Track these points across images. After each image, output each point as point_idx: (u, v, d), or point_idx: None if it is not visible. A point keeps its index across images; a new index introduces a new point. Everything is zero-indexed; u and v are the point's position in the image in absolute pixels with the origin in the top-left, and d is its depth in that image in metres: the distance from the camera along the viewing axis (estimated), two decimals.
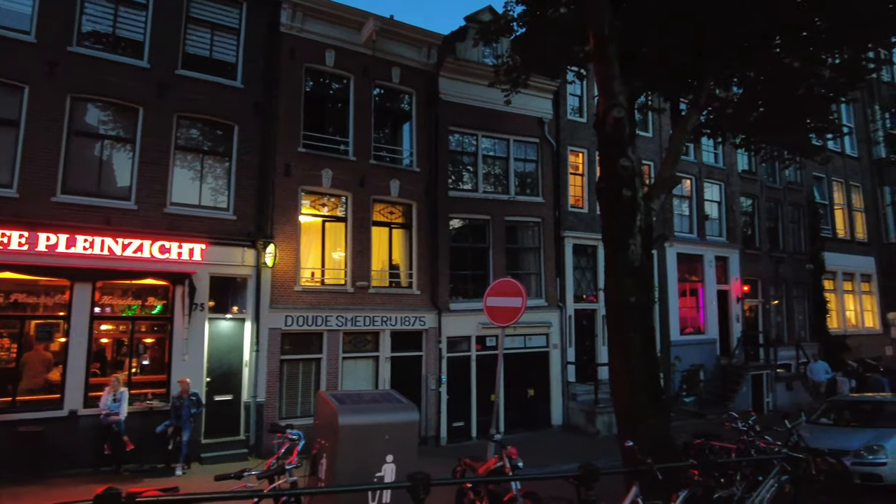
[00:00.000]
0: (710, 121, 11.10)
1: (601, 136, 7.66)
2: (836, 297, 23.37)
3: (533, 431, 14.87)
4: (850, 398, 12.56)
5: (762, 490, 6.71)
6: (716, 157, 20.13)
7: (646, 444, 6.65)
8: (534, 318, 15.40)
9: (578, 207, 16.92)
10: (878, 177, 26.06)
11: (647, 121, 18.29)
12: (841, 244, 24.05)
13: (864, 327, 24.45)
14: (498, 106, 13.89)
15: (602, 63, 7.48)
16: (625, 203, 7.21)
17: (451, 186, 15.06)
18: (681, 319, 18.34)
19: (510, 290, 8.61)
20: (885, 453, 9.46)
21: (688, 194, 19.33)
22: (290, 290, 12.50)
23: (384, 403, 5.81)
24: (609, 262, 7.59)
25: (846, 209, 24.86)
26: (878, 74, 25.24)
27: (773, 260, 21.12)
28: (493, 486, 6.59)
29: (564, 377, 15.87)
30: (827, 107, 10.31)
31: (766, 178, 21.75)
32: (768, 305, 21.08)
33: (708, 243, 19.35)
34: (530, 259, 16.29)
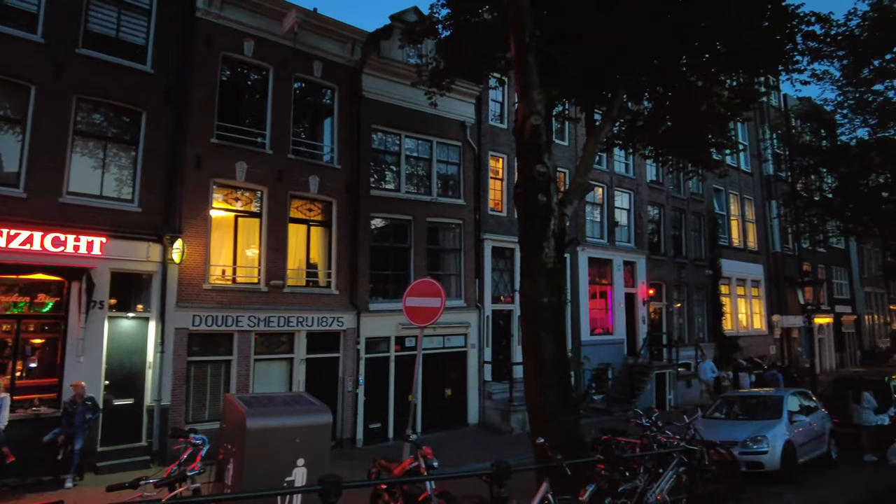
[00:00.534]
0: (622, 132, 11.72)
1: (519, 142, 7.87)
2: (730, 301, 25.31)
3: (449, 431, 15.01)
4: (738, 394, 13.62)
5: (662, 481, 7.15)
6: (626, 168, 21.22)
7: (557, 440, 6.89)
8: (453, 319, 15.56)
9: (498, 211, 17.29)
10: (766, 191, 28.53)
11: (563, 130, 18.99)
12: (735, 252, 26.09)
13: (753, 329, 26.62)
14: (422, 107, 13.92)
15: (522, 71, 7.68)
16: (540, 208, 7.44)
17: (374, 185, 14.93)
18: (591, 320, 19.17)
19: (430, 291, 8.65)
20: (767, 443, 10.35)
21: (600, 202, 20.24)
22: (199, 288, 11.90)
23: (296, 406, 5.66)
24: (524, 263, 7.82)
25: (740, 220, 26.99)
26: (768, 98, 27.66)
27: (676, 265, 22.56)
28: (408, 487, 6.58)
29: (481, 376, 16.15)
30: (725, 124, 11.15)
31: (672, 189, 23.19)
32: (671, 308, 22.47)
33: (617, 249, 20.36)
34: (451, 260, 16.45)
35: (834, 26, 9.77)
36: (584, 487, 5.92)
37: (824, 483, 10.47)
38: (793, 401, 11.88)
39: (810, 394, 13.58)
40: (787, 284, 26.99)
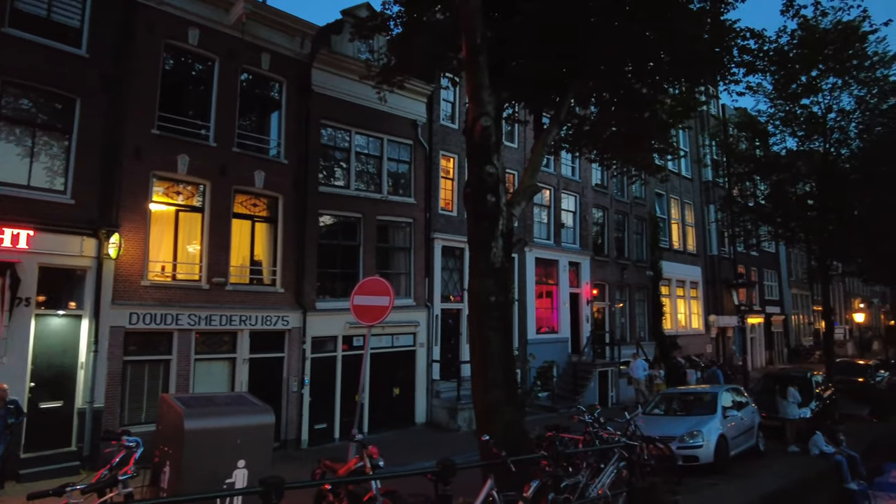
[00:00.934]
0: (569, 136, 11.99)
1: (469, 142, 7.93)
2: (670, 302, 26.30)
3: (397, 430, 14.97)
4: (676, 391, 14.16)
5: (603, 476, 7.37)
6: (573, 171, 21.72)
7: (502, 437, 6.99)
8: (402, 318, 15.51)
9: (448, 211, 17.35)
10: (705, 196, 29.82)
11: (513, 132, 19.25)
12: (675, 254, 27.14)
13: (691, 328, 27.77)
14: (373, 104, 13.82)
15: (473, 72, 7.74)
16: (489, 208, 7.52)
17: (322, 182, 14.70)
18: (537, 319, 19.53)
19: (378, 289, 8.60)
20: (702, 437, 10.83)
21: (547, 203, 20.65)
22: (137, 284, 11.41)
23: (237, 406, 5.51)
24: (473, 263, 7.89)
25: (680, 223, 28.11)
26: (708, 107, 28.89)
27: (619, 266, 23.27)
28: (353, 487, 6.52)
29: (429, 375, 16.18)
30: (667, 131, 11.58)
31: (616, 193, 23.90)
32: (614, 308, 23.16)
33: (563, 250, 20.81)
34: (401, 259, 16.40)
35: (766, 42, 10.29)
36: (528, 483, 6.02)
37: (753, 473, 11.04)
38: (726, 397, 12.47)
39: (742, 390, 14.29)
40: (723, 286, 28.27)
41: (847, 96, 19.91)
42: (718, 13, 9.72)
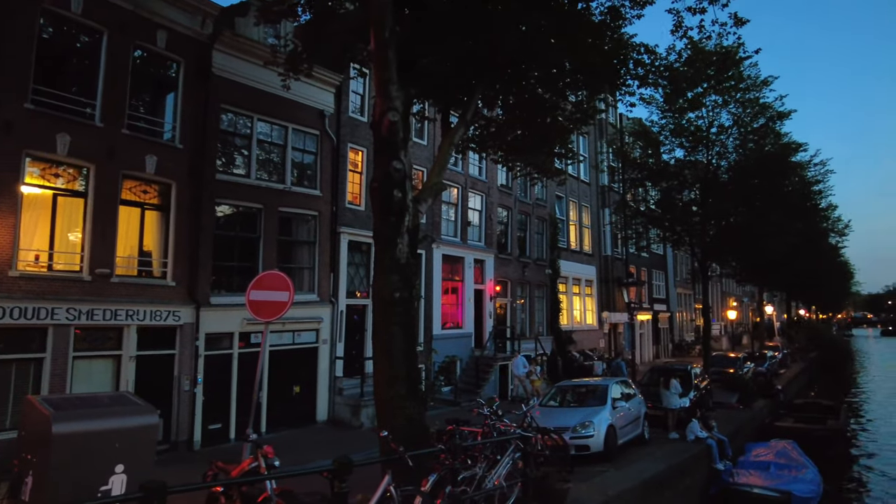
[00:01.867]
0: (476, 136, 12.22)
1: (377, 137, 7.87)
2: (567, 299, 27.58)
3: (297, 429, 14.59)
4: (570, 384, 14.85)
5: (500, 467, 7.60)
6: (480, 171, 22.18)
7: (403, 432, 7.02)
8: (304, 314, 15.13)
9: (356, 204, 17.12)
10: (601, 199, 31.56)
11: (423, 129, 19.33)
12: (573, 254, 28.50)
13: (586, 324, 29.30)
14: (278, 90, 13.24)
15: (381, 66, 7.68)
16: (395, 204, 7.51)
17: (221, 169, 13.98)
18: (443, 315, 19.78)
19: (276, 284, 8.31)
20: (593, 428, 11.48)
21: (455, 202, 20.96)
22: (5, 275, 10.27)
23: (116, 407, 5.10)
24: (378, 258, 7.84)
25: (578, 225, 29.56)
26: (606, 116, 30.56)
27: (521, 264, 24.09)
28: (247, 488, 6.28)
29: (332, 372, 15.89)
30: (567, 136, 12.12)
31: (520, 194, 24.71)
32: (515, 304, 23.95)
33: (469, 247, 21.23)
34: (304, 253, 15.97)
35: (658, 58, 11.05)
36: (426, 478, 6.09)
37: (639, 459, 11.84)
38: (616, 389, 13.28)
39: (630, 382, 15.30)
40: (616, 284, 30.06)
41: (726, 113, 21.88)
42: (617, 27, 10.31)
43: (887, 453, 18.82)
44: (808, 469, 13.70)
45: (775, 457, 14.47)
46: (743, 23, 10.18)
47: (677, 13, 9.97)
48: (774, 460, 14.16)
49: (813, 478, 13.24)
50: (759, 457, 14.64)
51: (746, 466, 13.88)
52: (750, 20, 10.33)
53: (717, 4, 9.52)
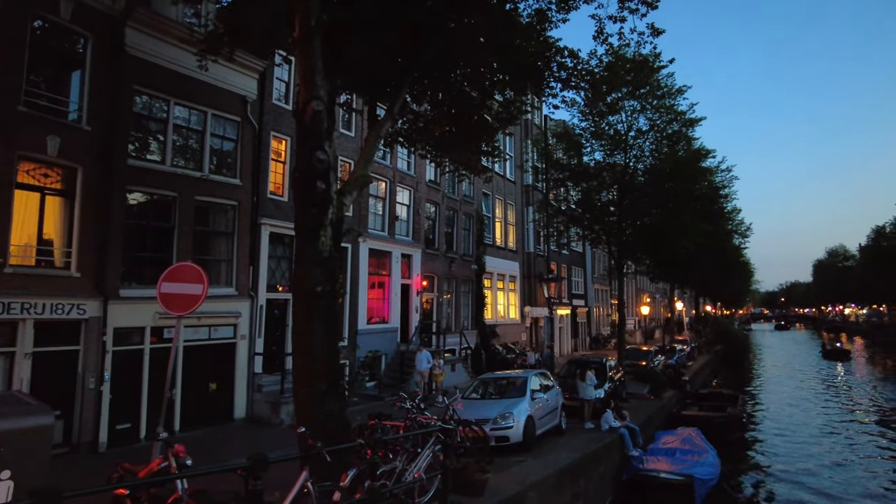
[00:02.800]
0: (403, 130, 12.17)
1: (300, 126, 7.68)
2: (491, 294, 28.12)
3: (214, 427, 14.05)
4: (492, 376, 15.18)
5: (420, 460, 7.65)
6: (408, 166, 22.17)
7: (323, 428, 6.92)
8: (222, 308, 14.58)
9: (278, 195, 16.64)
10: (526, 198, 32.36)
11: (351, 120, 19.07)
12: (498, 250, 29.07)
13: (509, 318, 29.99)
14: (198, 74, 12.69)
15: (306, 54, 7.50)
16: (318, 195, 7.36)
17: (134, 154, 13.18)
18: (369, 310, 19.64)
19: (190, 276, 7.94)
20: (513, 419, 11.80)
21: (383, 196, 20.83)
22: None
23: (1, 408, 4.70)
24: (299, 251, 7.66)
25: (503, 222, 30.18)
26: (532, 116, 31.33)
27: (447, 260, 24.31)
28: (156, 490, 5.99)
29: (251, 369, 15.41)
30: (493, 135, 12.31)
31: (448, 190, 24.91)
32: (442, 299, 24.15)
33: (397, 242, 21.17)
34: (223, 245, 15.35)
35: (581, 62, 11.42)
36: (345, 473, 6.04)
37: (555, 448, 12.28)
38: (535, 381, 13.70)
39: (549, 374, 15.82)
40: (537, 280, 30.95)
41: (643, 119, 22.98)
42: (543, 30, 10.57)
43: (776, 437, 20.52)
44: (709, 453, 14.69)
45: (681, 443, 15.41)
46: (659, 33, 10.69)
47: (599, 20, 10.37)
48: (680, 447, 15.08)
49: (713, 461, 14.22)
50: (666, 444, 15.54)
51: (655, 453, 14.70)
52: (665, 30, 10.90)
53: (637, 14, 9.98)
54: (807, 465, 16.71)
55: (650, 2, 9.89)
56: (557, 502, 10.27)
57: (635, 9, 9.90)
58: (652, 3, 9.91)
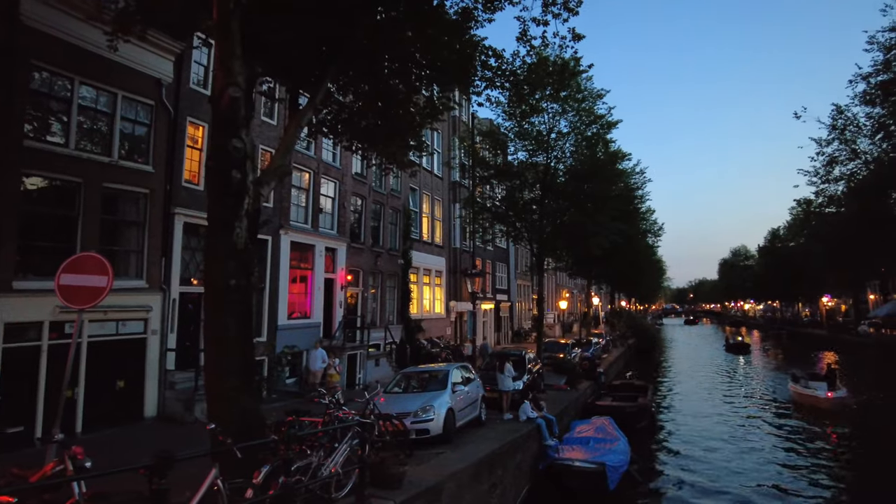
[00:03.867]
0: (327, 121, 11.98)
1: (216, 113, 7.40)
2: (417, 288, 28.23)
3: (121, 427, 13.26)
4: (415, 370, 15.27)
5: (337, 455, 7.61)
6: (334, 157, 21.81)
7: (236, 425, 6.74)
8: (131, 302, 13.79)
9: (194, 184, 15.90)
10: (452, 194, 32.69)
11: (273, 108, 18.52)
12: (424, 245, 29.21)
13: (434, 313, 30.23)
14: (107, 52, 11.84)
15: (224, 38, 7.24)
16: (234, 185, 7.12)
17: (31, 136, 12.16)
18: (290, 304, 19.19)
19: (93, 268, 7.45)
20: (433, 412, 11.95)
21: (306, 187, 20.38)
22: None
23: None
24: (213, 243, 7.39)
25: (430, 217, 30.35)
26: (459, 113, 31.64)
27: (373, 254, 24.16)
28: (50, 495, 5.63)
29: (163, 365, 14.68)
30: (419, 130, 12.35)
31: (374, 184, 24.72)
32: (367, 293, 23.98)
33: (321, 235, 20.80)
34: (132, 235, 14.49)
35: (504, 63, 11.68)
36: (258, 469, 5.92)
37: (475, 440, 12.55)
38: (456, 374, 13.94)
39: (470, 367, 16.12)
40: (463, 275, 31.38)
41: (564, 121, 23.79)
42: (469, 28, 10.71)
43: (682, 425, 21.93)
44: (620, 441, 15.49)
45: (595, 432, 16.16)
46: (579, 38, 11.11)
47: (524, 22, 10.65)
48: (594, 435, 15.81)
49: (623, 448, 15.00)
50: (581, 433, 16.24)
51: (570, 442, 15.33)
52: (585, 36, 11.35)
53: (559, 19, 10.33)
54: (708, 449, 17.96)
55: (572, 7, 10.25)
56: (475, 492, 10.51)
57: (558, 13, 10.25)
58: (573, 9, 10.28)
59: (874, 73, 29.20)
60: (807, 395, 23.47)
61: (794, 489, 13.68)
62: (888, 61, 28.34)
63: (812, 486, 13.95)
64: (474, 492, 10.45)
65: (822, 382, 23.59)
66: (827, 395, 22.61)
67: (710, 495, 13.70)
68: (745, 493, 13.63)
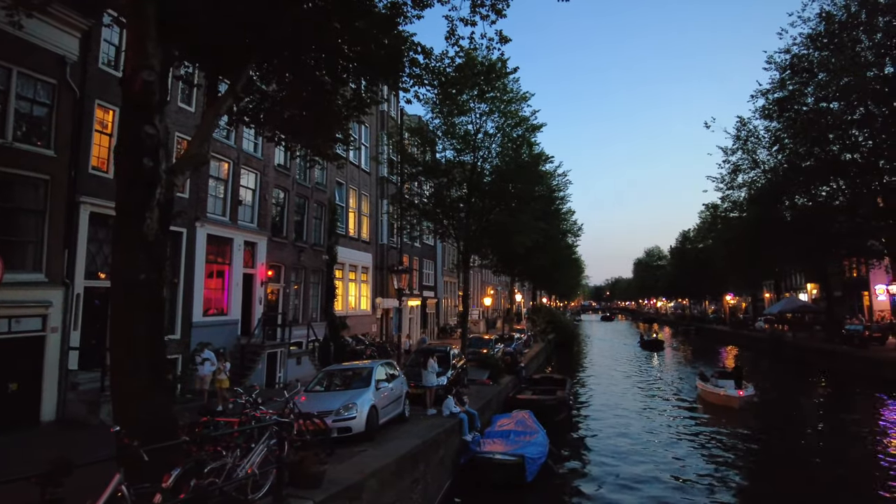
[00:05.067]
0: (249, 110, 11.55)
1: (127, 96, 6.94)
2: (342, 285, 27.82)
3: (15, 433, 12.20)
4: (338, 367, 15.05)
5: (252, 455, 7.38)
6: (255, 147, 21.07)
7: (144, 427, 6.39)
8: (27, 297, 12.75)
9: (103, 171, 14.87)
10: (380, 189, 32.45)
11: (192, 94, 17.65)
12: (351, 241, 28.83)
13: (360, 309, 29.92)
14: (2, 24, 10.89)
15: (137, 17, 6.81)
16: (145, 173, 6.72)
17: None
18: (206, 300, 18.38)
19: None
20: (356, 410, 11.84)
21: (225, 177, 19.57)
22: None
23: None
24: (120, 234, 6.93)
25: (357, 213, 29.98)
26: (388, 108, 31.44)
27: (296, 249, 23.57)
28: None
29: (64, 365, 13.65)
30: (344, 123, 12.16)
31: (299, 176, 24.11)
32: (289, 290, 23.37)
33: (240, 228, 20.05)
34: (31, 224, 13.36)
35: (434, 59, 11.72)
36: (168, 473, 5.64)
37: (397, 436, 12.53)
38: (380, 371, 13.87)
39: (394, 364, 16.09)
40: (389, 272, 31.23)
41: (491, 122, 24.20)
42: (397, 23, 10.66)
43: (596, 419, 22.91)
44: (539, 434, 15.97)
45: (515, 425, 16.57)
46: (506, 40, 11.34)
47: (452, 21, 10.74)
48: (514, 428, 16.20)
49: (542, 440, 15.47)
50: (502, 426, 16.60)
51: (492, 436, 15.64)
52: (512, 39, 11.58)
53: (487, 21, 10.49)
54: (621, 441, 18.85)
55: (500, 9, 10.43)
56: (397, 488, 10.52)
57: (486, 14, 10.40)
58: (501, 11, 10.46)
59: (772, 90, 31.75)
60: (718, 395, 23.66)
61: (699, 481, 14.51)
62: (783, 80, 30.86)
63: (717, 478, 14.82)
64: (396, 488, 10.46)
65: (730, 380, 23.92)
66: (738, 393, 22.91)
67: (622, 485, 14.39)
68: (656, 483, 14.41)
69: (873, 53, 28.30)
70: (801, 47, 30.21)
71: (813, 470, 15.52)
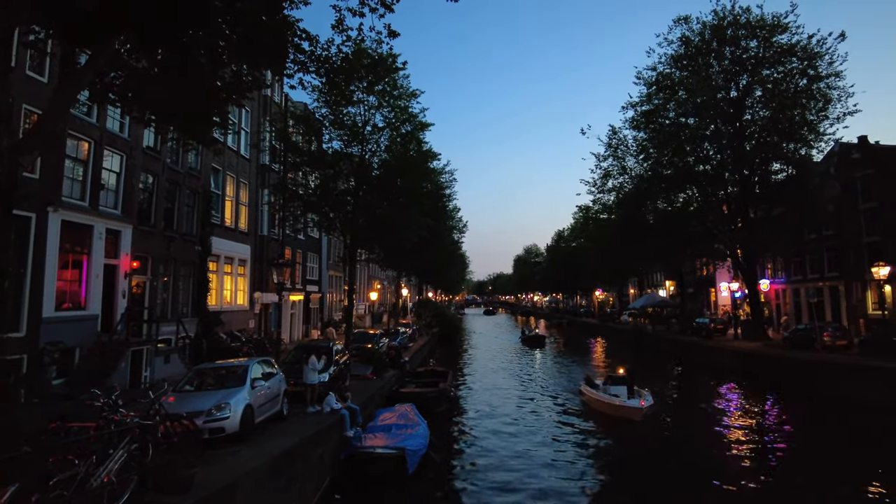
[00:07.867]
0: (114, 86, 10.52)
1: None
2: (217, 278, 26.25)
3: None
4: (210, 366, 14.22)
5: (109, 462, 6.78)
6: (122, 127, 19.24)
7: None
8: None
9: None
10: (261, 178, 31.04)
11: (45, 63, 15.73)
12: (227, 231, 27.27)
13: (236, 304, 28.43)
14: None
15: None
16: None
17: None
18: (59, 294, 16.52)
19: None
20: (229, 409, 11.30)
21: (84, 159, 17.69)
22: None
23: None
24: None
25: (234, 202, 28.40)
26: (272, 93, 30.16)
27: (166, 239, 21.86)
28: None
29: None
30: (223, 105, 11.46)
31: (170, 161, 22.36)
32: (157, 283, 21.65)
33: (101, 215, 18.22)
34: None
35: (319, 48, 11.40)
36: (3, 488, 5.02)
37: (275, 435, 12.14)
38: (257, 369, 13.34)
39: (272, 361, 15.55)
40: (270, 265, 30.02)
41: (380, 115, 24.10)
42: (282, 6, 10.23)
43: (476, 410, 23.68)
44: (421, 426, 16.21)
45: (397, 419, 16.68)
46: (395, 35, 11.31)
47: (340, 11, 10.53)
48: (396, 422, 16.31)
49: (423, 433, 15.72)
50: (384, 421, 16.65)
51: (374, 430, 15.63)
52: (401, 34, 11.57)
53: (376, 14, 10.39)
54: (500, 431, 19.61)
55: (388, 4, 10.39)
56: (272, 488, 10.20)
57: (375, 7, 10.31)
58: (390, 6, 10.42)
59: (640, 102, 34.68)
60: (613, 405, 20.20)
61: (572, 476, 15.35)
62: (650, 94, 33.85)
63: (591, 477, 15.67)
64: (271, 488, 10.14)
65: (622, 386, 21.14)
66: (640, 403, 19.48)
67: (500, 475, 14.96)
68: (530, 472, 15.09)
69: (722, 78, 31.97)
70: (665, 66, 33.32)
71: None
